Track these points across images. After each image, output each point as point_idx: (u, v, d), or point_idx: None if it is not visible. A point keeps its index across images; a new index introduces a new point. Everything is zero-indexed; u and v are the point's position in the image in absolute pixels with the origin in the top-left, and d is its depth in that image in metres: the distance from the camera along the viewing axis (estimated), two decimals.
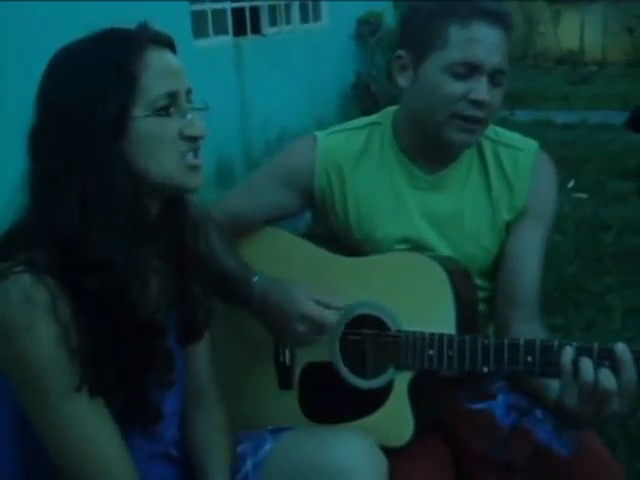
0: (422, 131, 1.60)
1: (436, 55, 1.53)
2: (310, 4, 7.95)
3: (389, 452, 1.47)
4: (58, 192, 1.18)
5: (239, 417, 1.56)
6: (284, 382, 1.65)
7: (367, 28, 8.27)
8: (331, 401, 1.59)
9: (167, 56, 1.26)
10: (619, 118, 7.88)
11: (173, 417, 1.40)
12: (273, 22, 7.24)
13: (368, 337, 1.57)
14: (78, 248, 1.17)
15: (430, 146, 1.61)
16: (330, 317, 1.51)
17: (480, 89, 1.51)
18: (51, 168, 1.19)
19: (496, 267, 1.65)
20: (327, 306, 1.52)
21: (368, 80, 7.96)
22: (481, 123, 1.55)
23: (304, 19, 7.80)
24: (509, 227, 1.64)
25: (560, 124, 7.87)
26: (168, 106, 1.23)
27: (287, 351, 1.64)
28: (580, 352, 1.34)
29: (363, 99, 7.99)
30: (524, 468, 1.53)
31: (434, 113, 1.54)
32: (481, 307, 1.64)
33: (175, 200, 1.32)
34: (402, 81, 1.61)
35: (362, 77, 8.09)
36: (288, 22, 7.51)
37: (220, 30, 6.34)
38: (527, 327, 1.56)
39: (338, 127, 1.73)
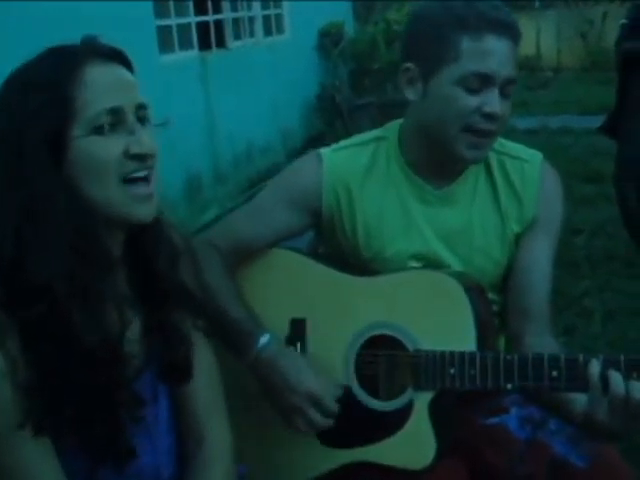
0: (430, 145, 1.59)
1: (448, 68, 1.51)
2: (273, 17, 7.95)
3: (408, 474, 1.46)
4: None
5: (251, 446, 1.53)
6: None
7: (329, 39, 8.31)
8: (347, 425, 1.56)
9: (111, 71, 1.20)
10: (578, 122, 8.05)
11: (170, 455, 1.34)
12: (237, 36, 7.22)
13: (384, 358, 1.55)
14: (16, 277, 1.13)
15: (438, 160, 1.61)
16: (334, 407, 1.52)
17: (493, 102, 1.50)
18: None
19: (506, 280, 1.65)
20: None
21: (332, 91, 7.99)
22: (492, 136, 1.55)
23: (267, 32, 7.80)
24: (518, 239, 1.64)
25: (522, 130, 7.97)
26: (111, 124, 1.16)
27: None
28: (607, 365, 1.34)
29: (327, 110, 8.02)
30: None
31: (446, 126, 1.53)
32: None
33: (142, 227, 1.25)
34: (410, 94, 1.58)
35: (326, 88, 8.12)
36: (252, 35, 7.50)
37: (185, 44, 6.31)
38: (539, 339, 1.56)
39: (343, 143, 1.70)
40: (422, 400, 1.49)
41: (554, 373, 1.38)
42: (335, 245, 1.69)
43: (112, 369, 1.18)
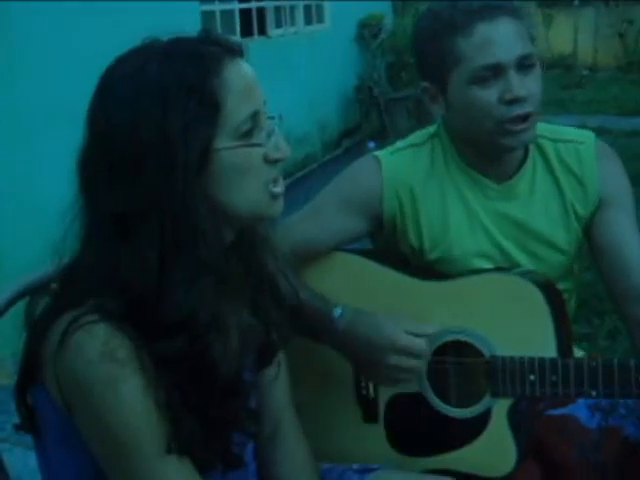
0: (477, 144, 1.57)
1: (456, 73, 1.51)
2: (313, 6, 7.92)
3: None
4: (129, 241, 1.02)
5: (322, 453, 1.49)
6: (368, 415, 1.60)
7: (368, 31, 8.27)
8: (421, 432, 1.54)
9: (244, 69, 1.09)
10: (615, 123, 7.96)
11: (252, 464, 1.31)
12: (278, 24, 7.21)
13: (459, 364, 1.53)
14: (154, 304, 1.02)
15: (492, 156, 1.59)
16: (424, 346, 1.49)
17: (512, 86, 1.47)
18: (118, 213, 1.02)
19: (600, 267, 1.59)
20: (418, 335, 1.49)
21: (370, 83, 7.96)
22: (531, 116, 1.50)
23: (308, 21, 7.78)
24: (590, 223, 1.61)
25: None
26: (252, 129, 1.08)
27: (370, 384, 1.59)
28: None
29: (364, 102, 7.99)
30: (618, 467, 1.50)
31: (480, 126, 1.51)
32: None
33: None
34: (437, 110, 1.59)
35: (364, 80, 8.08)
36: (293, 24, 7.48)
37: (228, 31, 6.32)
38: None
39: (399, 145, 1.67)
40: (500, 407, 1.47)
41: None
42: (394, 249, 1.66)
43: (237, 398, 1.13)
